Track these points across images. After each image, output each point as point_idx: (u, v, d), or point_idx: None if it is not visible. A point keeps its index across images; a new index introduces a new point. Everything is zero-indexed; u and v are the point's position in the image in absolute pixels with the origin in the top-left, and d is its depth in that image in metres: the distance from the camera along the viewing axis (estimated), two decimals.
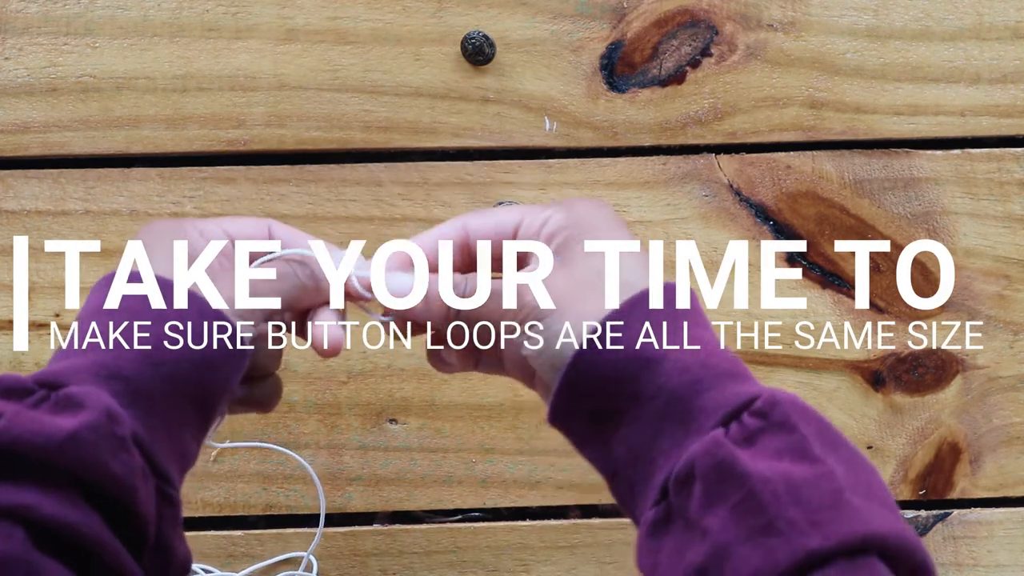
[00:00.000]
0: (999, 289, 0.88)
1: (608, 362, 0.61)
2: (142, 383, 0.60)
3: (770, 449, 0.57)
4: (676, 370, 0.60)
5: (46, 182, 0.85)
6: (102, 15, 0.84)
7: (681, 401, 0.60)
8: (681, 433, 0.59)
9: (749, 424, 0.58)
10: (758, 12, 0.86)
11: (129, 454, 0.58)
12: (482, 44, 0.84)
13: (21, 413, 0.57)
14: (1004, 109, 0.87)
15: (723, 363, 0.61)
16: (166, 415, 0.61)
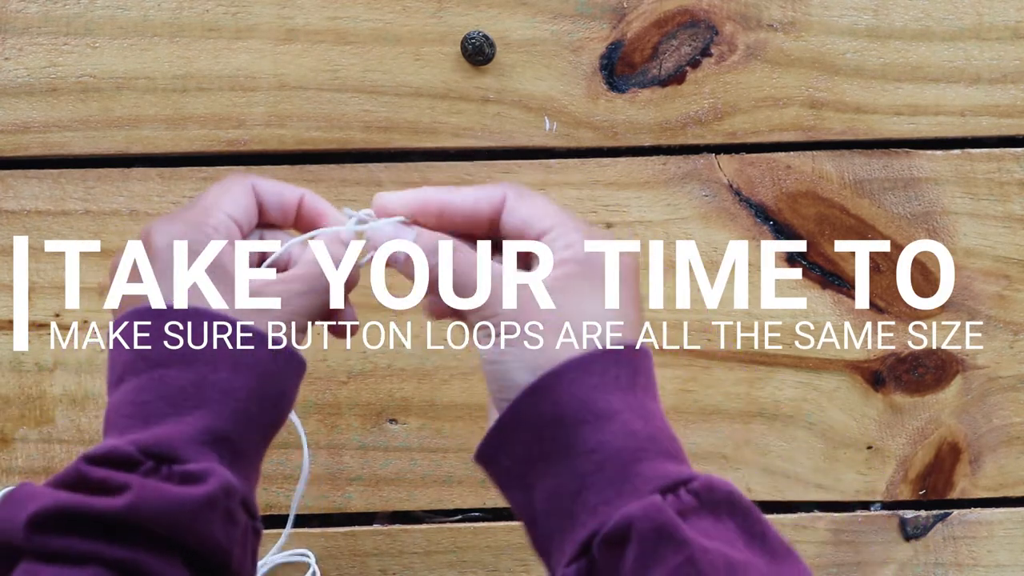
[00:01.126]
0: (999, 289, 0.88)
1: (553, 405, 0.61)
2: (243, 444, 0.62)
3: (699, 529, 0.57)
4: (623, 432, 0.60)
5: (46, 182, 0.85)
6: (102, 15, 0.84)
7: (620, 463, 0.59)
8: (613, 493, 0.59)
9: (684, 500, 0.58)
10: (758, 12, 0.86)
11: (235, 524, 0.60)
12: (482, 44, 0.84)
13: (148, 485, 0.58)
14: (1004, 109, 0.87)
15: (667, 442, 0.61)
16: (257, 461, 0.64)
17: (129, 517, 0.56)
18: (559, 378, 0.61)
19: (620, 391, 0.61)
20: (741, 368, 0.88)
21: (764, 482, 0.88)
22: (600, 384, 0.61)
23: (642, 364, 0.63)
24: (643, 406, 0.61)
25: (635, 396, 0.61)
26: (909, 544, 0.89)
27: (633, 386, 0.62)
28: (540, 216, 0.66)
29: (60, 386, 0.85)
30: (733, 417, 0.88)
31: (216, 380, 0.61)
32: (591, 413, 0.60)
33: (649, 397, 0.63)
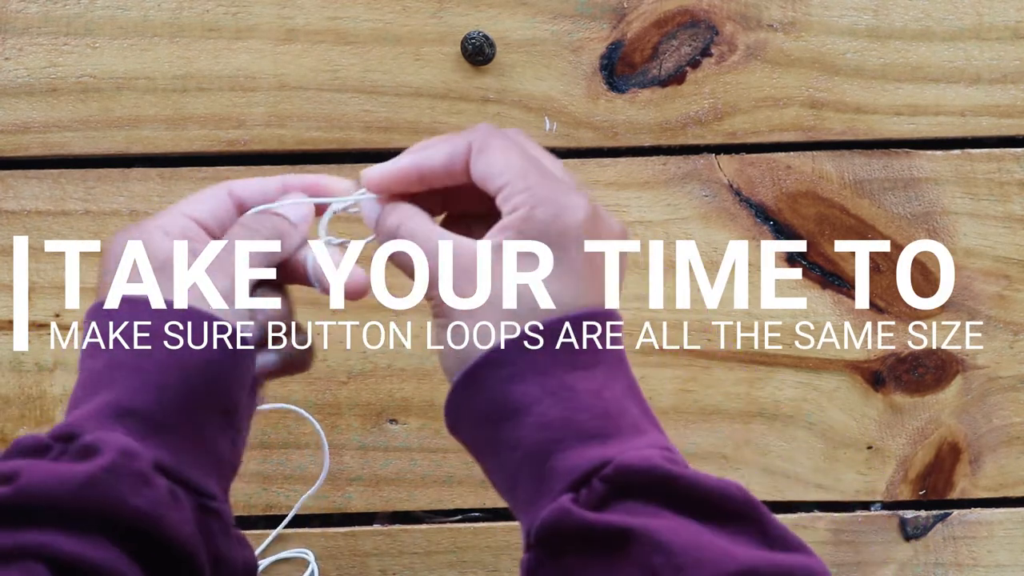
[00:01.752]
0: (999, 289, 0.88)
1: (477, 403, 0.60)
2: (154, 412, 0.60)
3: (620, 511, 0.56)
4: (536, 425, 0.58)
5: (46, 182, 0.85)
6: (102, 15, 0.84)
7: (536, 459, 0.58)
8: (534, 492, 0.58)
9: (598, 489, 0.56)
10: (758, 12, 0.86)
11: (150, 486, 0.58)
12: (482, 44, 0.84)
13: (37, 466, 0.57)
14: (1004, 109, 0.87)
15: (590, 421, 0.58)
16: (188, 433, 0.61)
17: (17, 501, 0.56)
18: (475, 377, 0.60)
19: (536, 375, 0.59)
20: (741, 368, 0.88)
21: (764, 482, 0.88)
22: (514, 374, 0.59)
23: (575, 334, 0.60)
24: (564, 386, 0.59)
25: (554, 377, 0.59)
26: (909, 544, 0.89)
27: (554, 364, 0.59)
28: (496, 172, 0.62)
29: (60, 386, 0.85)
30: (733, 417, 0.88)
31: (126, 359, 0.61)
32: (506, 410, 0.59)
33: (576, 371, 0.59)
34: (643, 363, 0.87)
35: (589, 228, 0.61)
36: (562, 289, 0.60)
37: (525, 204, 0.61)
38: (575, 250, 0.61)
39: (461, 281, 0.61)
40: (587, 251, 0.61)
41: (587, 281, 0.61)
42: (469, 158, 0.63)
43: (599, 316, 0.61)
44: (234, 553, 0.62)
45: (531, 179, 0.61)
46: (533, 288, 0.60)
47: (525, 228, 0.60)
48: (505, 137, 0.64)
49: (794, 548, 0.56)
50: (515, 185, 0.61)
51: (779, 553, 0.55)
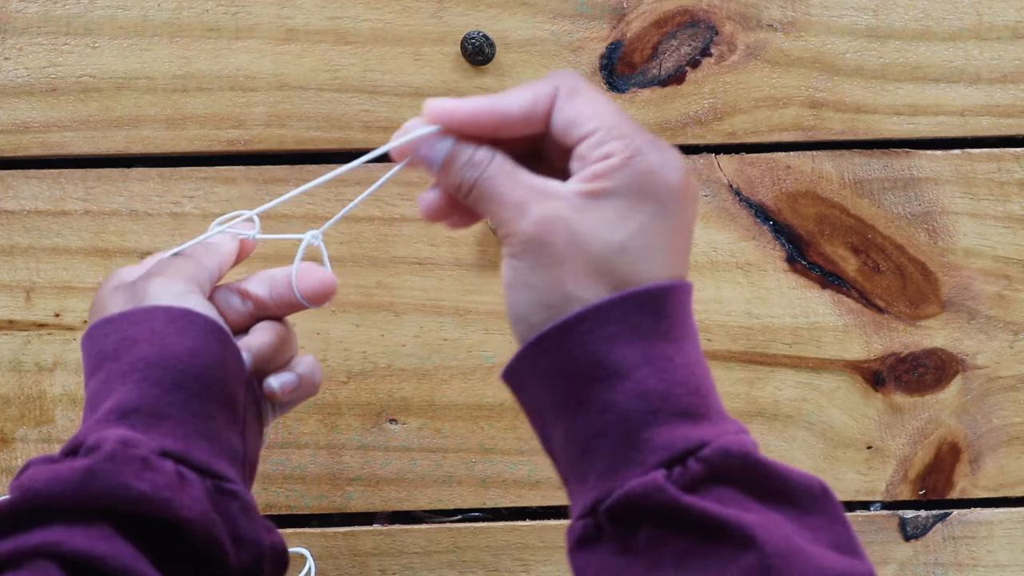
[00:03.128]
0: (999, 289, 0.88)
1: (566, 358, 0.56)
2: (154, 406, 0.61)
3: (712, 498, 0.54)
4: (635, 393, 0.55)
5: (46, 182, 0.85)
6: (102, 15, 0.84)
7: (628, 427, 0.55)
8: (619, 460, 0.56)
9: (693, 470, 0.55)
10: (758, 12, 0.86)
11: (153, 470, 0.59)
12: (482, 44, 0.84)
13: (40, 470, 0.58)
14: (1004, 109, 0.87)
15: (686, 397, 0.56)
16: (193, 422, 0.62)
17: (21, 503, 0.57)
18: (571, 331, 0.56)
19: (639, 340, 0.56)
20: (741, 368, 0.88)
21: None
22: (616, 334, 0.55)
23: (670, 305, 0.57)
24: (663, 356, 0.56)
25: (655, 346, 0.56)
26: (909, 544, 0.89)
27: (654, 333, 0.56)
28: (585, 117, 0.57)
29: (60, 386, 0.85)
30: (733, 417, 0.88)
31: (116, 368, 0.62)
32: (603, 370, 0.56)
33: (673, 342, 0.56)
34: None
35: (685, 189, 0.58)
36: (658, 251, 0.57)
37: (622, 152, 0.56)
38: (673, 210, 0.57)
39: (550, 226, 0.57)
40: (683, 214, 0.58)
41: (681, 246, 0.58)
42: (553, 102, 0.58)
43: (687, 288, 0.58)
44: (260, 535, 0.62)
45: (626, 127, 0.57)
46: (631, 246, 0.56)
47: (622, 177, 0.56)
48: (592, 86, 0.60)
49: (860, 554, 0.56)
50: (610, 131, 0.57)
51: (856, 560, 0.55)
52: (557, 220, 0.56)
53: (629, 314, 0.56)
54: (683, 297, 0.58)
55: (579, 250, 0.56)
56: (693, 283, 0.59)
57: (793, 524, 0.54)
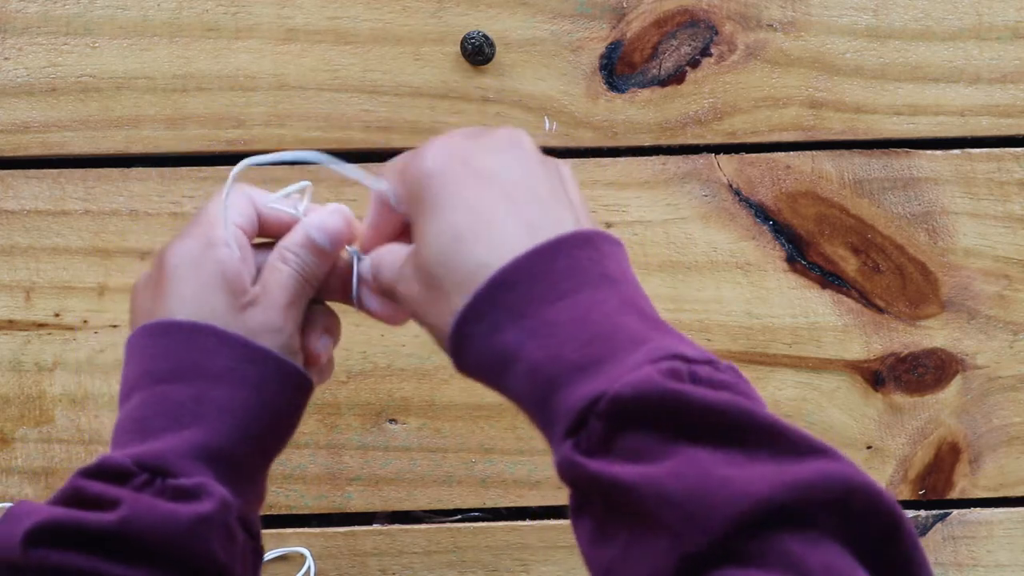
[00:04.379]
0: (999, 289, 0.88)
1: (473, 368, 0.58)
2: (240, 460, 0.61)
3: (625, 451, 0.51)
4: (526, 373, 0.55)
5: (46, 182, 0.85)
6: (102, 15, 0.84)
7: (538, 407, 0.55)
8: (549, 435, 0.55)
9: (596, 429, 0.52)
10: (758, 12, 0.86)
11: (233, 541, 0.60)
12: (482, 44, 0.84)
13: (140, 500, 0.58)
14: (1004, 109, 0.87)
15: (577, 351, 0.53)
16: (256, 476, 0.63)
17: (121, 533, 0.56)
18: (460, 337, 0.56)
19: (513, 321, 0.54)
20: (741, 368, 0.87)
21: None
22: (491, 326, 0.55)
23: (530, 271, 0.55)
24: (546, 323, 0.54)
25: (531, 316, 0.54)
26: None
27: (527, 303, 0.55)
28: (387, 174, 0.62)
29: (60, 386, 0.85)
30: None
31: (215, 396, 0.61)
32: (500, 362, 0.55)
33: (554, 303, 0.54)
34: None
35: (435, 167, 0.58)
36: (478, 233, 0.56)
37: (398, 183, 0.60)
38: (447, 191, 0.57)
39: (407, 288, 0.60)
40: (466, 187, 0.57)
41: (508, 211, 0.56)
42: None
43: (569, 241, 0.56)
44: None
45: (403, 158, 0.61)
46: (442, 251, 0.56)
47: (407, 204, 0.59)
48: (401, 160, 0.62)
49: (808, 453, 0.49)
50: (393, 174, 0.61)
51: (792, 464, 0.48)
52: (407, 286, 0.59)
53: (492, 303, 0.55)
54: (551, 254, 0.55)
55: (429, 289, 0.57)
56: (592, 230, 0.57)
57: (718, 450, 0.49)
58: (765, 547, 0.46)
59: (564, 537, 0.88)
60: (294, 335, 0.63)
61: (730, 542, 0.47)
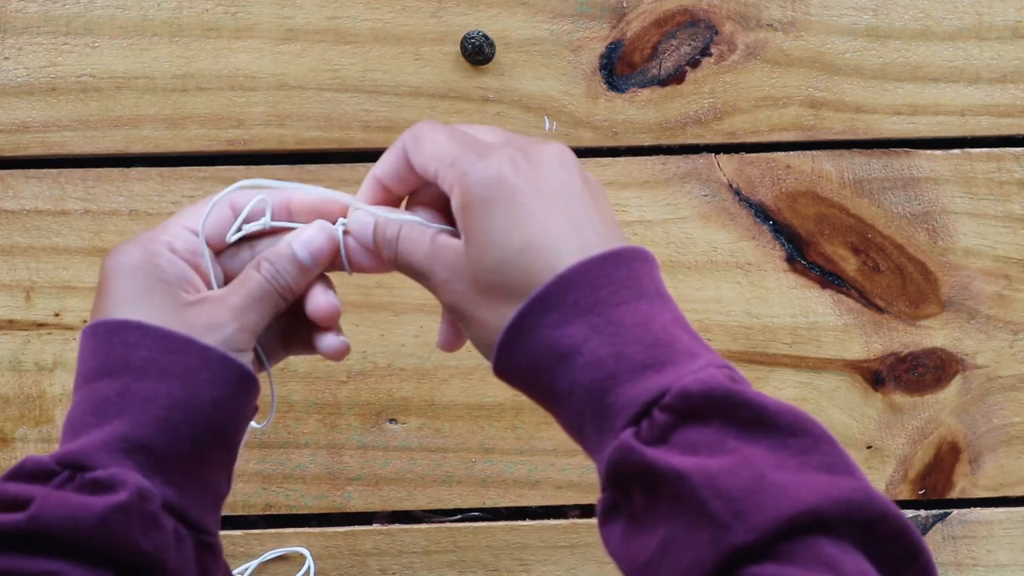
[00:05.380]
0: (999, 289, 0.88)
1: (523, 359, 0.59)
2: (164, 449, 0.60)
3: (683, 444, 0.55)
4: (589, 365, 0.57)
5: (46, 182, 0.85)
6: (102, 15, 0.84)
7: (594, 399, 0.57)
8: (599, 432, 0.57)
9: (659, 420, 0.55)
10: (758, 12, 0.86)
11: (159, 529, 0.59)
12: (482, 44, 0.84)
13: (51, 495, 0.57)
14: (1004, 109, 0.87)
15: (642, 352, 0.57)
16: (193, 470, 0.61)
17: (30, 530, 0.56)
18: (520, 328, 0.59)
19: (579, 317, 0.58)
20: (741, 368, 0.87)
21: None
22: (558, 320, 0.58)
23: (601, 274, 0.58)
24: (611, 322, 0.57)
25: (599, 315, 0.58)
26: None
27: (594, 303, 0.58)
28: (428, 162, 0.62)
29: (60, 386, 0.85)
30: None
31: (138, 388, 0.60)
32: (558, 354, 0.58)
33: (619, 306, 0.58)
34: None
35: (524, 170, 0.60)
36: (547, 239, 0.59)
37: (454, 184, 0.60)
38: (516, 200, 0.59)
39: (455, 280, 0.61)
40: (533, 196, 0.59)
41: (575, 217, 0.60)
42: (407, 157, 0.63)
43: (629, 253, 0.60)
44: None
45: (453, 153, 0.61)
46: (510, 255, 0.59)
47: (469, 204, 0.60)
48: (432, 125, 0.63)
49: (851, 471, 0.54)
50: (443, 167, 0.61)
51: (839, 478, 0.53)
52: (454, 274, 0.61)
53: (562, 298, 0.58)
54: (620, 261, 0.59)
55: (482, 286, 0.60)
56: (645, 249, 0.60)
57: (774, 453, 0.54)
58: (805, 549, 0.50)
59: (564, 537, 0.88)
60: (241, 334, 0.63)
61: (774, 541, 0.50)
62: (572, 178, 0.61)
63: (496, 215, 0.59)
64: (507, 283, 0.59)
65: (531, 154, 0.61)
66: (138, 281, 0.62)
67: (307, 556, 0.86)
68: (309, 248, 0.65)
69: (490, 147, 0.61)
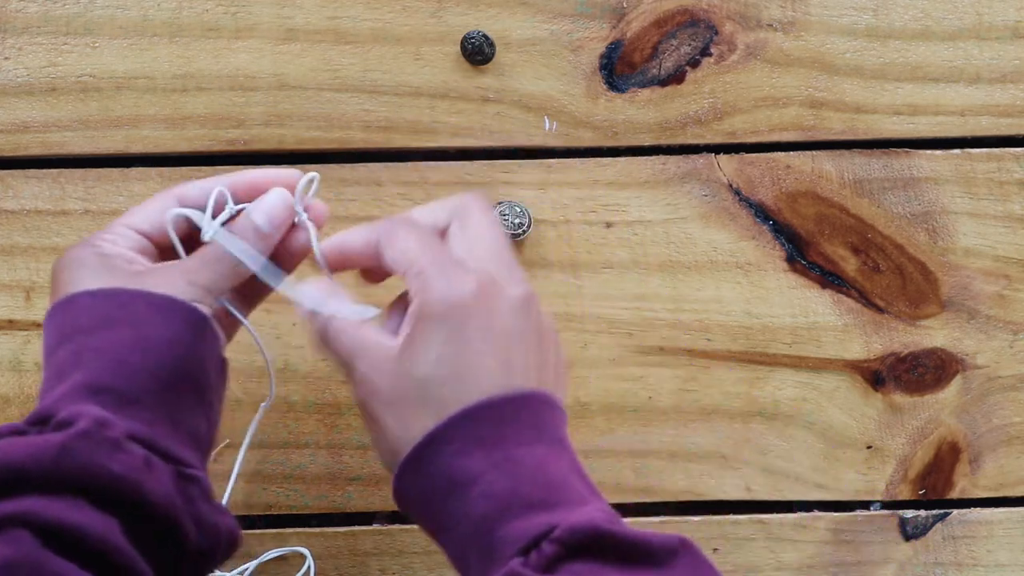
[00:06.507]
0: (999, 289, 0.88)
1: (423, 482, 0.61)
2: (126, 389, 0.62)
3: (569, 574, 0.57)
4: (483, 496, 0.60)
5: (46, 182, 0.85)
6: (102, 15, 0.84)
7: (484, 530, 0.59)
8: (485, 562, 0.59)
9: (547, 552, 0.57)
10: (758, 12, 0.86)
11: (126, 452, 0.60)
12: (482, 44, 0.84)
13: (13, 442, 0.59)
14: (1004, 109, 0.87)
15: (535, 492, 0.60)
16: (160, 408, 0.63)
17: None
18: (421, 456, 0.61)
19: (482, 450, 0.60)
20: (741, 368, 0.88)
21: (764, 482, 0.88)
22: (460, 449, 0.60)
23: (510, 413, 0.62)
24: (511, 459, 0.60)
25: (499, 451, 0.60)
26: (909, 544, 0.89)
27: (499, 440, 0.61)
28: (399, 261, 0.65)
29: None
30: (733, 417, 0.88)
31: (92, 344, 0.62)
32: (453, 484, 0.60)
33: (521, 446, 0.61)
34: (643, 363, 0.87)
35: (485, 302, 0.63)
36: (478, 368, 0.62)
37: (416, 292, 0.63)
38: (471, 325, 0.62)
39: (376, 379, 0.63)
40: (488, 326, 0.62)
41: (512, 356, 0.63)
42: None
43: (539, 398, 0.63)
44: (216, 519, 0.64)
45: (424, 261, 0.64)
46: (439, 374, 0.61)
47: (423, 315, 0.62)
48: (411, 223, 0.66)
49: None
50: (411, 272, 0.64)
51: None
52: (377, 373, 0.63)
53: (467, 430, 0.61)
54: (529, 405, 0.62)
55: (400, 394, 0.62)
56: (555, 398, 0.64)
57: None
58: None
59: None
60: (192, 288, 0.65)
61: None
62: (528, 324, 0.64)
63: (441, 335, 0.62)
64: (425, 399, 0.62)
65: (498, 292, 0.64)
66: (87, 268, 0.66)
67: (307, 556, 0.86)
68: (268, 214, 0.68)
69: (462, 269, 0.64)
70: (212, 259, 0.67)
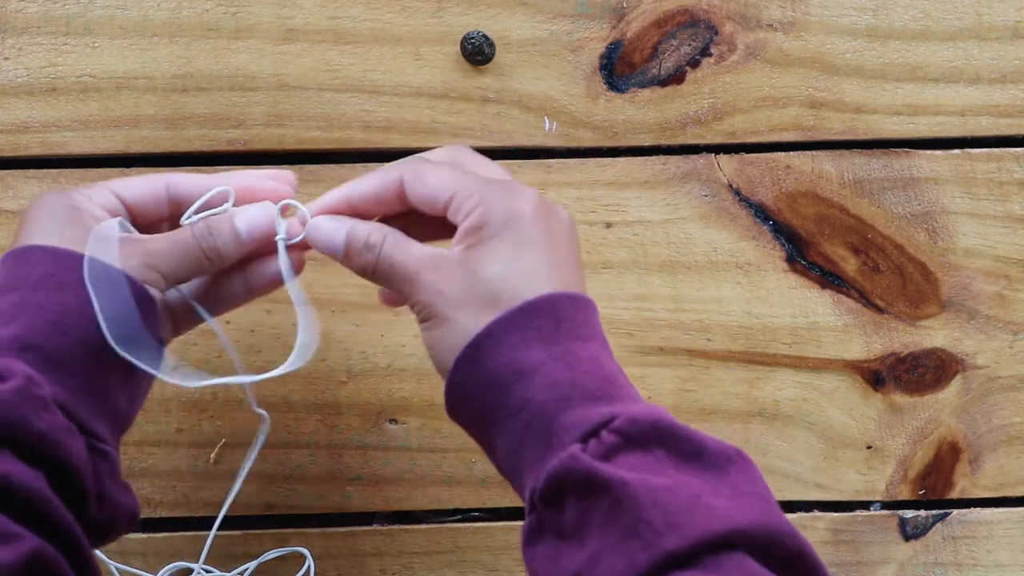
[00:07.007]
0: (999, 289, 0.88)
1: (483, 372, 0.63)
2: (54, 351, 0.63)
3: (626, 465, 0.59)
4: (545, 385, 0.62)
5: (46, 182, 0.85)
6: (102, 15, 0.84)
7: (545, 416, 0.61)
8: (542, 448, 0.61)
9: (606, 440, 0.60)
10: (758, 12, 0.86)
11: (52, 413, 0.61)
12: (482, 44, 0.84)
13: None
14: (1004, 109, 0.87)
15: (594, 384, 0.62)
16: (84, 377, 0.64)
17: None
18: (481, 346, 0.63)
19: (542, 343, 0.63)
20: (741, 368, 0.88)
21: None
22: (522, 340, 0.63)
23: (567, 311, 0.64)
24: (568, 352, 0.63)
25: (558, 344, 0.63)
26: (909, 544, 0.89)
27: (556, 333, 0.63)
28: (437, 190, 0.67)
29: None
30: (733, 417, 0.88)
31: (33, 298, 0.63)
32: (515, 372, 0.62)
33: (576, 341, 0.63)
34: (643, 363, 0.87)
35: (535, 216, 0.66)
36: (538, 271, 0.65)
37: (478, 206, 0.65)
38: (534, 236, 0.65)
39: (442, 283, 0.65)
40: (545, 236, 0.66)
41: (562, 262, 0.66)
42: (402, 187, 0.67)
43: (589, 302, 0.66)
44: (120, 498, 0.65)
45: (474, 186, 0.66)
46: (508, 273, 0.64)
47: (485, 226, 0.65)
48: (432, 161, 0.69)
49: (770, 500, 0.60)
50: (461, 194, 0.66)
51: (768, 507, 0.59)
52: (444, 279, 0.65)
53: (528, 322, 0.63)
54: (580, 306, 0.65)
55: (468, 293, 0.64)
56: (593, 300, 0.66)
57: (709, 484, 0.58)
58: (731, 563, 0.56)
59: None
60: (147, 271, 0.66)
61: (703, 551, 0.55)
62: (575, 242, 0.68)
63: (507, 241, 0.65)
64: (497, 295, 0.64)
65: (551, 209, 0.68)
66: (55, 218, 0.67)
67: (307, 556, 0.86)
68: (248, 224, 0.69)
69: (515, 186, 0.67)
70: (177, 246, 0.68)
